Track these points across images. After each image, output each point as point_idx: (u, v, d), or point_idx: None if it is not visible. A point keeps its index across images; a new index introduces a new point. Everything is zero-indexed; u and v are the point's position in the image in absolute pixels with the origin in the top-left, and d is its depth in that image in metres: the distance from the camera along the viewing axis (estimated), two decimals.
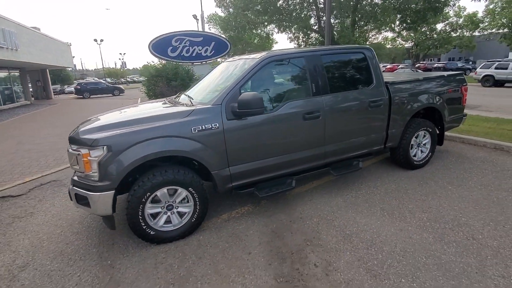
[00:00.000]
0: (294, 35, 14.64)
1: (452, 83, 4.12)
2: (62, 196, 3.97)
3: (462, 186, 3.51)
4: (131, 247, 2.66)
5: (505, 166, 4.05)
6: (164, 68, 11.10)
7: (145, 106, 3.58)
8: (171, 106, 3.04)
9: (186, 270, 2.32)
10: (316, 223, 2.90)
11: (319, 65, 3.11)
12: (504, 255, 2.28)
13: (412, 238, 2.57)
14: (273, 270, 2.27)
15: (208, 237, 2.77)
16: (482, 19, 22.10)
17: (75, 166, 2.51)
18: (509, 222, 2.72)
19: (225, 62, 3.73)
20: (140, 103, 3.84)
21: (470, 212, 2.94)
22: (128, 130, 2.41)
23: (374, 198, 3.35)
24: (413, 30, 15.65)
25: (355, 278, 2.14)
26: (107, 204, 2.40)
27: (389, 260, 2.30)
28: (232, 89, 2.70)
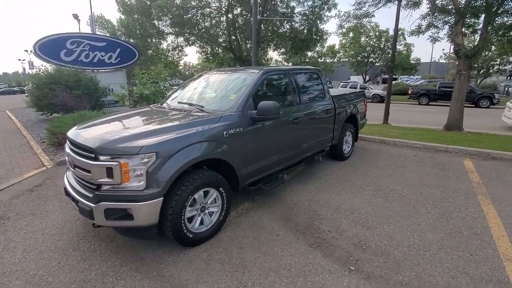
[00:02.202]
0: (203, 49, 15.21)
1: (361, 97, 5.87)
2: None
3: (377, 167, 5.11)
4: (164, 255, 2.64)
5: (391, 153, 6.08)
6: (60, 74, 9.35)
7: (140, 115, 3.33)
8: (185, 114, 3.09)
9: (238, 259, 2.59)
10: (308, 205, 3.67)
11: (296, 80, 3.96)
12: (422, 202, 3.73)
13: (372, 202, 3.73)
14: (303, 242, 2.87)
15: (233, 231, 3.05)
16: (338, 50, 29.97)
17: (102, 179, 2.33)
18: (413, 184, 4.33)
19: (211, 74, 4.01)
20: (123, 114, 3.56)
21: (390, 181, 4.44)
22: (171, 137, 2.47)
23: (334, 182, 4.44)
24: (300, 54, 19.25)
25: (358, 232, 3.03)
26: (156, 212, 2.37)
27: (369, 217, 3.33)
28: (247, 98, 3.15)
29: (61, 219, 3.34)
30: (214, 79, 3.86)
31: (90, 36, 11.46)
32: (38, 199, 3.91)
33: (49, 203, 3.78)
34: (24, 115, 12.44)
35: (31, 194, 4.08)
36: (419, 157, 5.74)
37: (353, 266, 2.50)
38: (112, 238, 2.93)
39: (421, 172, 4.88)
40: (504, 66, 21.75)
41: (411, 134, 7.88)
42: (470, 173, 4.80)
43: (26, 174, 4.88)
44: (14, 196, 4.02)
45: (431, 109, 17.32)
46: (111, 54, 11.70)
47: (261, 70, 3.51)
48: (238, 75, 3.64)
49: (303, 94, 4.05)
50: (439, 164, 5.29)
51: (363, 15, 9.63)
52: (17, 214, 3.47)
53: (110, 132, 2.57)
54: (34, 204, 3.75)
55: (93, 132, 2.66)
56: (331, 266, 2.50)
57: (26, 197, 3.98)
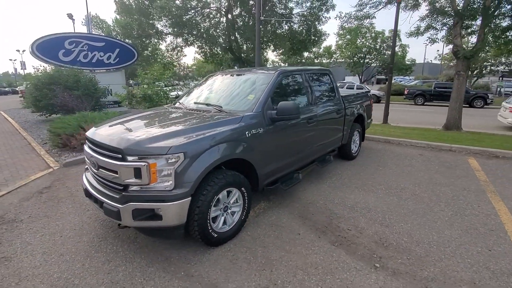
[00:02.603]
0: (201, 49, 15.16)
1: (367, 98, 5.94)
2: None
3: (385, 167, 5.18)
4: (189, 255, 2.63)
5: (397, 152, 6.16)
6: (60, 75, 9.21)
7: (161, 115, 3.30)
8: (205, 114, 3.07)
9: (264, 258, 2.60)
10: (324, 204, 3.70)
11: (309, 80, 3.99)
12: (435, 200, 3.79)
13: (386, 201, 3.78)
14: (325, 240, 2.90)
15: (254, 231, 3.06)
16: (335, 51, 30.30)
17: (129, 180, 2.31)
18: (424, 182, 4.40)
19: (224, 74, 4.01)
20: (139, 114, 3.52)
21: (401, 180, 4.50)
22: (198, 137, 2.46)
23: (345, 181, 4.48)
24: (298, 55, 19.36)
25: (377, 230, 3.06)
26: (184, 212, 2.36)
27: (386, 215, 3.38)
28: (266, 98, 3.16)
29: (77, 221, 3.29)
30: (229, 79, 3.86)
31: (88, 36, 11.33)
32: (50, 201, 3.85)
33: (62, 204, 3.73)
34: (20, 116, 12.21)
35: (41, 196, 4.01)
36: (425, 156, 5.83)
37: (377, 263, 2.54)
38: (134, 239, 2.91)
39: (429, 170, 4.95)
40: (497, 67, 22.29)
41: (413, 134, 8.00)
42: (476, 172, 4.90)
43: (33, 176, 4.79)
44: (23, 198, 3.95)
45: (427, 109, 17.59)
46: (110, 54, 11.59)
47: (277, 70, 3.53)
48: (253, 76, 3.65)
49: (316, 94, 4.08)
50: (445, 163, 5.38)
51: (363, 17, 9.75)
52: (30, 217, 3.42)
53: (136, 133, 2.55)
54: (47, 206, 3.69)
55: (117, 132, 2.63)
56: (357, 263, 2.53)
57: (36, 199, 3.91)
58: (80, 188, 4.24)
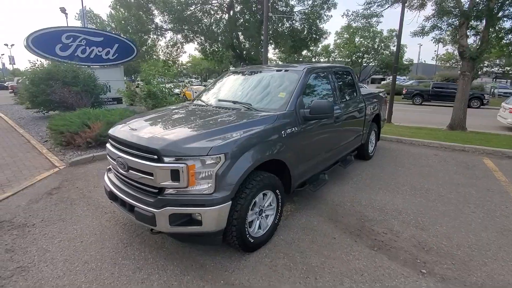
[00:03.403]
0: (201, 46, 14.86)
1: (383, 97, 5.85)
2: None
3: (404, 167, 5.10)
4: (224, 262, 2.47)
5: (411, 152, 6.10)
6: (58, 70, 8.84)
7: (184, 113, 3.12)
8: (236, 113, 2.89)
9: (304, 264, 2.46)
10: (351, 206, 3.58)
11: (334, 78, 3.86)
12: (462, 202, 3.72)
13: (414, 203, 3.68)
14: (363, 244, 2.77)
15: (286, 235, 2.92)
16: (333, 50, 30.39)
17: (166, 182, 2.13)
18: (446, 183, 4.33)
19: (245, 71, 3.83)
20: (160, 112, 3.32)
21: (423, 181, 4.43)
22: (237, 137, 2.29)
23: (367, 182, 4.37)
24: (298, 54, 19.26)
25: (414, 233, 2.96)
26: (225, 217, 2.20)
27: (418, 218, 3.28)
28: (298, 96, 3.01)
29: (96, 225, 3.09)
30: (252, 76, 3.68)
31: (86, 31, 10.93)
32: (62, 203, 3.62)
33: (76, 207, 3.51)
34: (13, 112, 11.73)
35: (51, 197, 3.78)
36: (440, 156, 5.78)
37: (423, 269, 2.43)
38: (161, 244, 2.73)
39: (448, 171, 4.90)
40: (491, 68, 22.67)
41: (421, 133, 7.98)
42: (494, 172, 4.87)
43: (38, 175, 4.53)
44: (32, 200, 3.70)
45: (426, 109, 17.73)
46: (108, 49, 11.22)
47: (305, 67, 3.38)
48: (279, 73, 3.50)
49: (340, 93, 3.95)
50: (461, 163, 5.34)
51: (370, 15, 9.68)
52: (43, 221, 3.19)
53: (171, 132, 2.36)
54: (59, 208, 3.47)
55: (149, 131, 2.44)
56: (402, 269, 2.41)
57: (46, 201, 3.68)
58: (93, 189, 4.03)
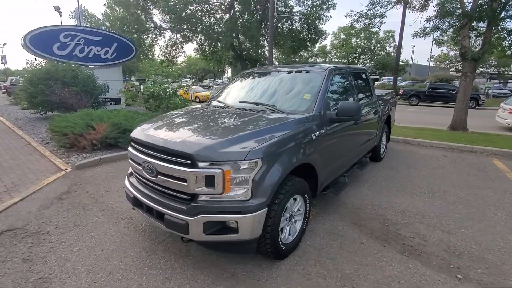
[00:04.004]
0: (201, 46, 14.69)
1: (393, 98, 5.83)
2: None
3: (416, 169, 5.09)
4: (255, 270, 2.38)
5: (421, 153, 6.10)
6: (56, 69, 8.61)
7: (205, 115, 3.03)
8: (263, 115, 2.78)
9: (338, 272, 2.39)
10: (372, 209, 3.53)
11: (352, 79, 3.81)
12: (482, 204, 3.70)
13: (434, 205, 3.65)
14: (392, 250, 2.72)
15: (313, 240, 2.84)
16: (330, 51, 30.58)
17: (200, 189, 2.04)
18: (461, 185, 4.32)
19: (263, 72, 3.74)
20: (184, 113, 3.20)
21: (438, 183, 4.41)
22: (272, 141, 2.20)
23: (383, 184, 4.33)
24: (297, 54, 19.28)
25: (441, 237, 2.92)
26: (261, 224, 2.11)
27: (442, 221, 3.24)
28: (323, 98, 2.94)
29: (114, 232, 2.96)
30: (271, 77, 3.58)
31: (85, 30, 10.71)
32: (74, 208, 3.48)
33: (90, 213, 3.37)
34: (9, 113, 11.40)
35: (62, 203, 3.63)
36: (450, 158, 5.79)
37: (458, 274, 2.38)
38: (186, 252, 2.62)
39: (460, 172, 4.90)
40: (486, 69, 23.05)
41: (425, 134, 8.02)
42: (507, 173, 4.89)
43: (45, 179, 4.37)
44: (42, 206, 3.55)
45: (422, 109, 17.88)
46: (107, 49, 11.00)
47: (327, 68, 3.31)
48: (300, 74, 3.42)
49: (358, 94, 3.90)
50: (472, 165, 5.36)
51: (373, 16, 9.70)
52: (57, 228, 3.05)
53: (204, 136, 2.26)
54: (72, 214, 3.33)
55: (179, 135, 2.33)
56: (438, 275, 2.36)
57: (57, 206, 3.53)
58: (105, 194, 3.89)
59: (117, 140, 5.55)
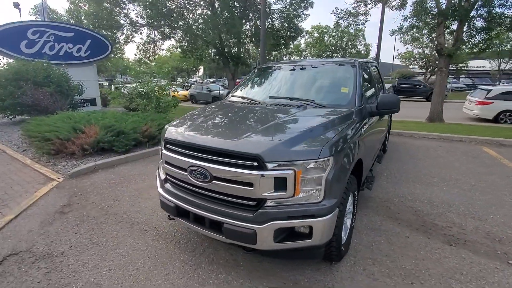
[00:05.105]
0: (179, 43, 14.02)
1: (391, 91, 5.98)
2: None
3: (419, 159, 5.25)
4: (316, 275, 2.23)
5: (417, 144, 6.34)
6: (26, 69, 7.69)
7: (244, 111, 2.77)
8: (308, 109, 2.64)
9: (399, 269, 2.32)
10: (400, 201, 3.54)
11: (372, 73, 3.79)
12: (495, 189, 3.87)
13: (454, 193, 3.76)
14: (438, 241, 2.71)
15: (360, 238, 2.76)
16: (304, 49, 31.12)
17: (268, 193, 1.84)
18: (468, 172, 4.51)
19: (286, 66, 3.54)
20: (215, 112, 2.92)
21: (446, 171, 4.57)
22: (336, 137, 2.04)
23: (397, 175, 4.39)
24: (278, 51, 19.26)
25: (476, 225, 2.98)
26: (333, 227, 1.96)
27: (469, 208, 3.32)
28: (361, 92, 2.85)
29: (143, 246, 2.63)
30: (295, 71, 3.41)
31: (55, 25, 9.67)
32: (83, 222, 3.06)
33: (105, 226, 2.98)
34: None
35: (67, 217, 3.18)
36: (444, 147, 6.08)
37: (510, 260, 2.43)
38: (234, 262, 2.39)
39: (460, 161, 5.14)
40: None
41: (411, 126, 8.38)
42: (501, 160, 5.23)
43: (36, 192, 3.82)
44: (44, 222, 3.08)
45: None
46: (79, 46, 10.09)
47: (357, 61, 3.25)
48: (329, 67, 3.32)
49: (378, 87, 3.90)
50: (466, 153, 5.66)
51: (357, 14, 9.95)
52: (72, 247, 2.64)
53: (266, 134, 2.04)
54: (84, 230, 2.92)
55: (237, 134, 2.07)
56: (493, 263, 2.39)
57: (62, 222, 3.08)
58: (114, 203, 3.49)
59: (111, 143, 5.05)
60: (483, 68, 30.76)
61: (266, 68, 3.78)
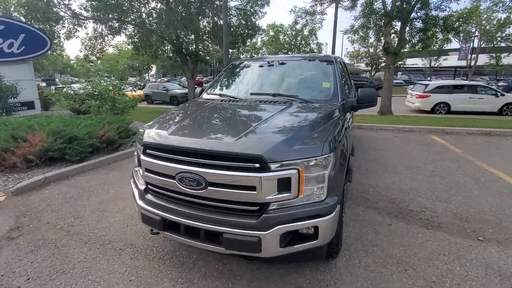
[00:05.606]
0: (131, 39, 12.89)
1: None
2: None
3: (382, 150, 5.60)
4: (318, 276, 2.19)
5: (377, 136, 6.79)
6: None
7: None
8: (292, 105, 2.55)
9: (390, 257, 2.39)
10: (374, 191, 3.70)
11: (345, 68, 3.91)
12: (451, 174, 4.30)
13: (418, 180, 4.06)
14: (417, 225, 2.88)
15: (348, 231, 2.79)
16: (260, 47, 31.42)
17: (272, 196, 1.72)
18: (425, 160, 4.93)
19: (262, 62, 3.41)
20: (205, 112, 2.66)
21: (407, 160, 4.94)
22: (333, 133, 1.99)
23: (368, 166, 4.61)
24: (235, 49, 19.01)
25: (444, 207, 3.24)
26: (336, 225, 1.91)
27: (435, 192, 3.61)
28: (342, 86, 2.89)
29: (120, 268, 2.30)
30: (273, 67, 3.31)
31: None
32: (39, 247, 2.58)
33: (68, 249, 2.55)
34: None
35: (18, 243, 2.66)
36: (400, 138, 6.62)
37: (479, 237, 2.68)
38: (229, 272, 2.22)
39: (417, 149, 5.63)
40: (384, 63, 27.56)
41: (368, 119, 8.95)
42: (448, 146, 5.86)
43: None
44: None
45: None
46: (11, 41, 8.72)
47: (334, 57, 3.30)
48: (308, 62, 3.31)
49: (349, 83, 4.03)
50: (420, 142, 6.23)
51: (313, 12, 10.28)
52: (30, 279, 2.20)
53: (264, 132, 1.90)
54: (43, 257, 2.46)
55: (232, 134, 1.88)
56: (467, 241, 2.61)
57: (12, 249, 2.56)
58: (76, 221, 3.03)
59: (63, 152, 4.41)
60: (416, 65, 34.51)
61: (241, 64, 3.63)
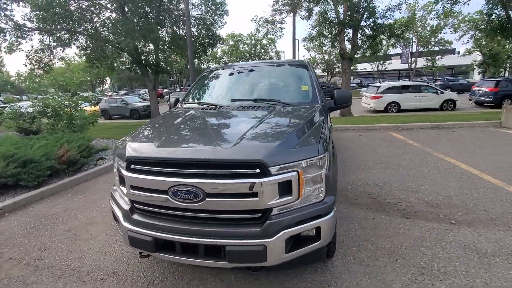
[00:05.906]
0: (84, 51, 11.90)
1: None
2: None
3: (352, 148, 5.91)
4: (318, 277, 2.20)
5: (344, 136, 7.15)
6: None
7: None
8: (275, 109, 2.55)
9: (381, 250, 2.50)
10: (353, 188, 3.88)
11: None
12: (415, 166, 4.68)
13: (389, 173, 4.35)
14: (397, 216, 3.07)
15: (338, 229, 2.84)
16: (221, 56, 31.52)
17: (274, 200, 1.70)
18: (391, 155, 5.31)
19: (235, 69, 3.39)
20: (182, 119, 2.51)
21: (375, 156, 5.27)
22: (323, 134, 2.04)
23: (342, 164, 4.83)
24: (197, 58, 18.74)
25: (416, 197, 3.51)
26: (335, 224, 1.94)
27: (406, 184, 3.89)
28: (320, 89, 2.99)
29: None
30: (249, 73, 3.31)
31: None
32: (29, 276, 2.22)
33: (40, 286, 2.23)
34: None
35: None
36: (365, 136, 7.06)
37: (452, 220, 2.94)
38: (228, 285, 2.13)
39: (381, 146, 6.05)
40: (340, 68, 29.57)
41: (332, 121, 9.46)
42: (407, 140, 6.39)
43: None
44: None
45: None
46: None
47: (306, 61, 3.43)
48: (282, 67, 3.40)
49: None
50: (382, 138, 6.71)
51: (273, 22, 10.63)
52: None
53: (258, 137, 1.87)
54: None
55: (225, 141, 1.82)
56: (441, 225, 2.84)
57: None
58: (45, 253, 2.69)
59: (17, 177, 3.89)
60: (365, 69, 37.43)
61: (216, 71, 3.59)
